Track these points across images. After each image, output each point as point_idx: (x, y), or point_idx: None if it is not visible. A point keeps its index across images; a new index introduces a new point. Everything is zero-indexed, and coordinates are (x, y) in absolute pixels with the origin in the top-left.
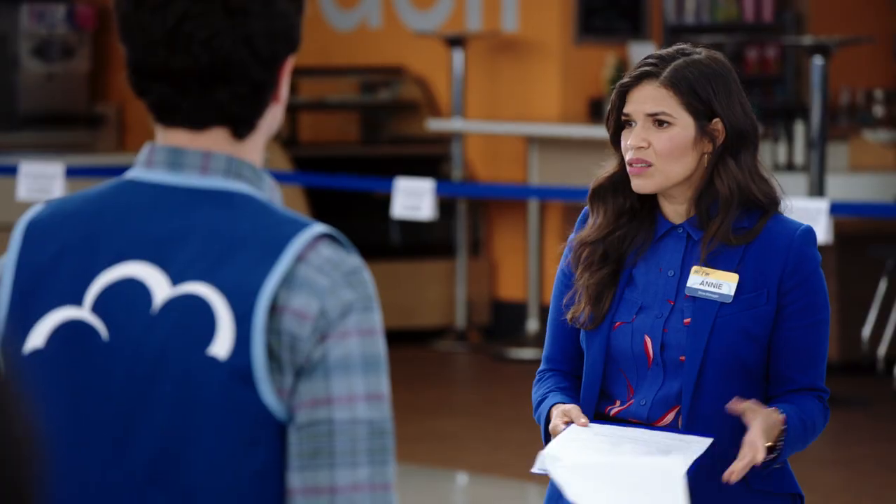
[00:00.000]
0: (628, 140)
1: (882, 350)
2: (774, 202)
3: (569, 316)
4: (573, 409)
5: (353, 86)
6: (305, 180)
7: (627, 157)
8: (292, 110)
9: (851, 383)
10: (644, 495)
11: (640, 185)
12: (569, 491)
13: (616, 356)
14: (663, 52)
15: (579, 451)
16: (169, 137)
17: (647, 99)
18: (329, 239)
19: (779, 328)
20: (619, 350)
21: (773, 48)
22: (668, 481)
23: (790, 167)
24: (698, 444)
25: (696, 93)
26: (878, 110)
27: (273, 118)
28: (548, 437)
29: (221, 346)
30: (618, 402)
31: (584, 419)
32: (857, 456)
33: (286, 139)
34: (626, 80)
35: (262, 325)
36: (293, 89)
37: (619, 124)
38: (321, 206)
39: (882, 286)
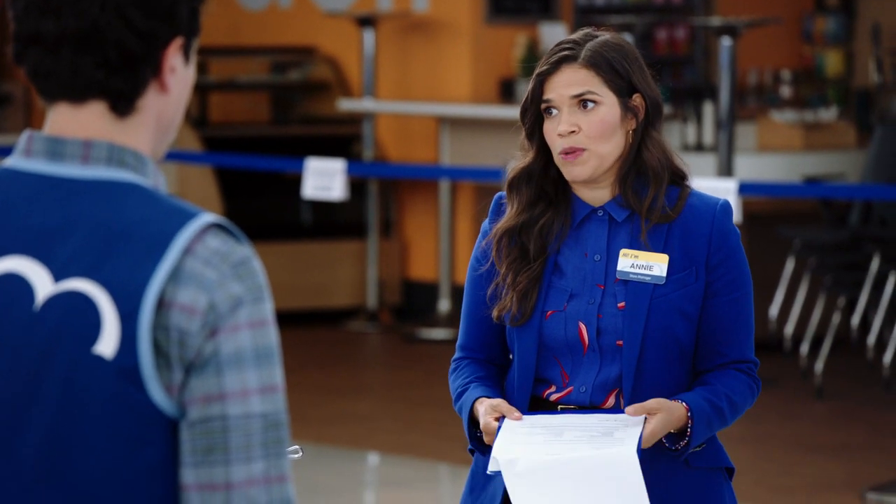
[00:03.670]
0: (555, 129)
1: (789, 329)
2: (685, 174)
3: (495, 314)
4: (502, 403)
5: (263, 66)
6: (215, 160)
7: (557, 148)
8: (202, 90)
9: None
10: (604, 490)
11: (576, 172)
12: (517, 499)
13: (549, 344)
14: (573, 36)
15: (529, 451)
16: (54, 119)
17: (570, 82)
18: (217, 228)
19: (707, 304)
20: (552, 338)
21: (683, 29)
22: (625, 470)
23: (699, 147)
24: (634, 422)
25: (616, 70)
26: (786, 91)
27: (162, 106)
28: (471, 431)
29: (107, 344)
30: (553, 387)
31: (516, 413)
32: (764, 434)
33: (196, 119)
34: (543, 68)
35: (148, 323)
36: (202, 69)
37: (539, 116)
38: (231, 187)
39: (789, 266)
